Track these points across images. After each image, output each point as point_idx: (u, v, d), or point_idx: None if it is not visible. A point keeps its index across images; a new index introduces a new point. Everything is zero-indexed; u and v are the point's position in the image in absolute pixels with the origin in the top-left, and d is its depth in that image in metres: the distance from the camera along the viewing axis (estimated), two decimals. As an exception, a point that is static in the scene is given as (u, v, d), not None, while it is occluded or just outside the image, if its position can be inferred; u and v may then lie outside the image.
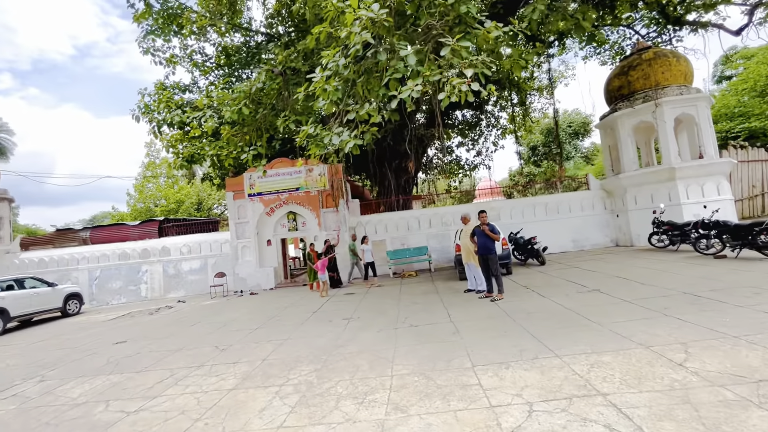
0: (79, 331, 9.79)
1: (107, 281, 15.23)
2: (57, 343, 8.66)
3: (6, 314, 10.82)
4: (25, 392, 5.33)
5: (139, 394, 4.71)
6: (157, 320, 10.15)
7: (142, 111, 14.04)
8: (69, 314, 12.93)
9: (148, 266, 15.21)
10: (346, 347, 5.66)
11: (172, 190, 38.61)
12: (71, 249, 15.72)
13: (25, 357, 7.59)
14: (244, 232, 14.63)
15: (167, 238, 15.69)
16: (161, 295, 15.13)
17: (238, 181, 14.72)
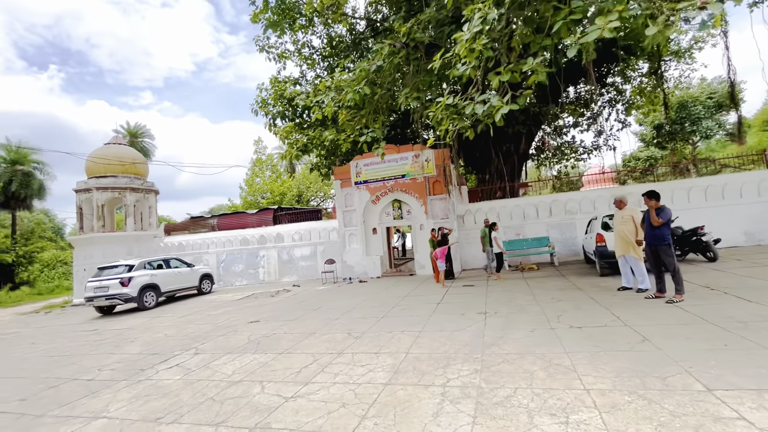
0: (215, 309, 10.65)
1: (231, 264, 16.74)
2: (200, 318, 9.45)
3: (158, 290, 12.34)
4: (186, 363, 5.63)
5: (290, 378, 4.53)
6: (279, 302, 10.57)
7: (259, 105, 14.92)
8: (203, 292, 14.41)
9: (265, 251, 16.31)
10: (500, 346, 4.88)
11: (276, 184, 41.68)
12: (203, 234, 17.64)
13: (178, 329, 8.33)
14: (351, 220, 14.73)
15: (281, 226, 16.64)
16: (276, 278, 16.11)
17: (345, 169, 14.84)
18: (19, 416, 4.31)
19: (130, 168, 17.79)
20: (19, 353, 7.74)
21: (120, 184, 17.15)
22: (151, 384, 4.89)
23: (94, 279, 11.68)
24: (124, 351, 6.82)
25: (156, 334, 7.98)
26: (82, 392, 4.87)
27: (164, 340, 7.30)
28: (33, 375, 5.94)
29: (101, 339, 8.20)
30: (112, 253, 16.51)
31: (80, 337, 8.82)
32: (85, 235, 16.52)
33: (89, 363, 6.26)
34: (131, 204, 17.49)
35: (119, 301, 11.40)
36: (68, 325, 10.83)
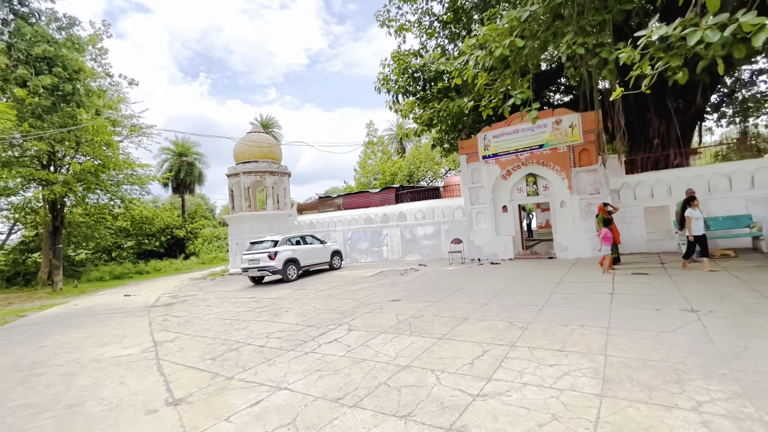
0: (351, 284, 10.93)
1: (356, 242, 17.36)
2: (340, 293, 9.74)
3: (298, 264, 13.33)
4: (344, 339, 5.57)
5: (465, 371, 3.98)
6: (412, 282, 10.31)
7: (381, 82, 14.69)
8: (334, 268, 15.19)
9: (388, 230, 16.44)
10: (751, 360, 3.53)
11: (387, 164, 42.32)
12: (330, 213, 18.67)
13: (323, 303, 8.65)
14: (478, 197, 13.70)
15: (403, 205, 16.53)
16: (399, 257, 16.14)
17: (472, 143, 13.76)
18: (214, 375, 4.67)
19: (268, 153, 19.68)
20: (200, 314, 8.96)
21: (260, 168, 19.12)
22: (318, 358, 4.88)
23: (248, 252, 13.14)
24: (282, 320, 7.25)
25: (305, 306, 8.39)
26: (259, 359, 5.12)
27: (315, 313, 7.57)
28: (215, 336, 6.64)
29: (260, 307, 9.00)
30: (258, 230, 18.61)
31: (243, 303, 9.88)
32: (236, 214, 18.97)
33: (257, 329, 6.77)
34: (270, 186, 19.40)
35: (268, 273, 12.61)
36: (230, 292, 12.42)
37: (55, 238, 19.03)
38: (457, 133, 15.60)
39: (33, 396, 4.40)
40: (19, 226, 25.29)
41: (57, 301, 14.57)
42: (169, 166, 34.40)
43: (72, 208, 21.69)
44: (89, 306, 12.04)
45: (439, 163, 44.82)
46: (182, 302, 11.26)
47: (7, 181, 17.03)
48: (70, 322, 9.24)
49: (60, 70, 9.62)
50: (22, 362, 5.83)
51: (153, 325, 8.25)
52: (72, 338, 7.37)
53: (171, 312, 9.68)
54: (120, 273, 24.92)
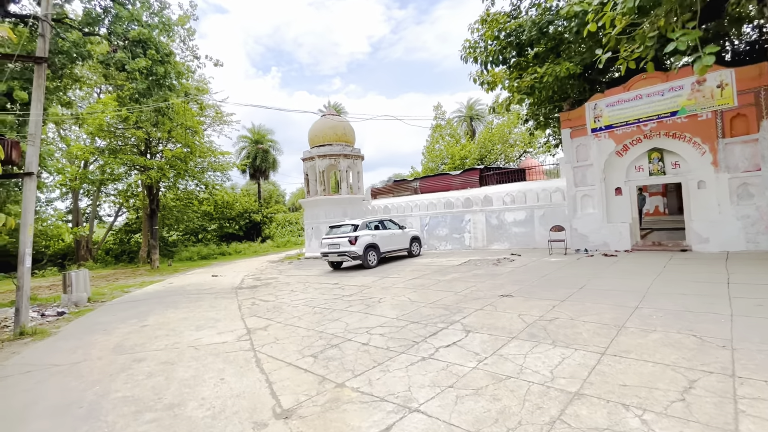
0: (441, 274, 9.91)
1: (435, 228, 16.26)
2: (431, 283, 8.77)
3: (378, 250, 12.62)
4: (465, 344, 4.55)
5: (678, 412, 2.72)
6: (513, 273, 8.99)
7: (468, 50, 13.19)
8: (413, 255, 14.28)
9: (471, 215, 15.09)
10: None
11: (456, 148, 40.29)
12: (406, 197, 17.76)
13: (418, 294, 7.73)
14: (584, 177, 11.77)
15: (488, 188, 15.02)
16: (484, 245, 14.76)
17: (578, 114, 11.79)
18: (321, 380, 3.94)
19: (342, 136, 19.21)
20: (287, 300, 8.56)
21: (335, 151, 18.73)
22: (442, 368, 3.92)
23: (328, 236, 12.72)
24: (378, 313, 6.45)
25: (398, 298, 7.54)
26: (367, 361, 4.31)
27: (413, 307, 6.67)
28: (308, 327, 6.04)
29: (347, 295, 8.35)
30: (332, 214, 18.34)
31: (327, 290, 9.36)
32: (311, 198, 18.89)
33: (352, 322, 6.03)
34: (344, 169, 18.98)
35: (348, 258, 12.07)
36: (311, 276, 12.10)
37: (152, 220, 20.60)
38: (553, 105, 13.60)
39: (135, 388, 4.02)
40: (124, 210, 28.13)
41: (155, 278, 15.58)
42: (246, 153, 36.03)
43: (166, 193, 23.38)
44: (182, 285, 12.50)
45: (513, 146, 41.84)
46: (266, 285, 11.13)
47: (113, 168, 18.64)
48: (167, 300, 9.43)
49: (153, 52, 9.66)
50: (125, 343, 5.70)
51: (242, 308, 7.99)
52: (169, 319, 7.31)
53: (257, 295, 9.48)
54: (206, 254, 26.63)
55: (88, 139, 19.65)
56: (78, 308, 9.30)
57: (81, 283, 9.78)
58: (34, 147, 6.56)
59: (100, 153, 18.95)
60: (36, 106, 6.57)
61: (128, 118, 15.27)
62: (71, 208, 26.33)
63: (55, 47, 9.30)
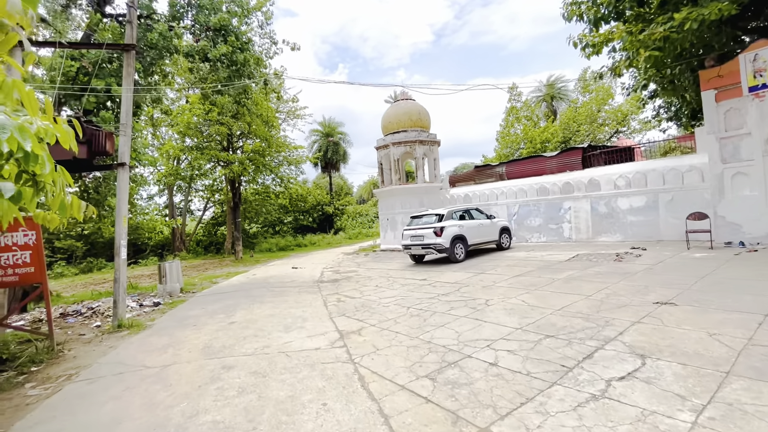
0: (547, 271, 8.37)
1: (525, 217, 14.46)
2: (543, 282, 7.31)
3: (465, 242, 11.34)
4: (656, 381, 3.19)
5: None
6: (650, 272, 7.16)
7: (570, 7, 11.18)
8: (502, 248, 12.74)
9: (571, 202, 13.05)
10: None
11: (536, 131, 36.91)
12: (490, 184, 16.13)
13: (533, 296, 6.37)
14: (737, 150, 9.25)
15: (595, 169, 12.82)
16: (588, 237, 12.67)
17: (727, 69, 9.26)
18: (454, 419, 2.89)
19: (417, 121, 18.07)
20: (374, 297, 7.73)
21: (410, 138, 17.67)
22: (636, 418, 2.64)
23: (410, 228, 11.74)
24: (493, 320, 5.26)
25: (509, 300, 6.26)
26: (508, 393, 3.17)
27: (535, 313, 5.36)
28: (409, 333, 5.06)
29: (442, 293, 7.27)
30: (408, 205, 17.38)
31: (416, 286, 8.37)
32: (385, 188, 18.11)
33: (464, 331, 4.92)
34: (420, 156, 17.86)
35: (433, 251, 10.98)
36: (393, 270, 11.24)
37: (234, 213, 21.49)
38: (681, 64, 11.00)
39: (225, 408, 3.35)
40: (210, 204, 30.18)
41: (239, 269, 16.01)
42: (318, 146, 36.62)
43: (246, 186, 24.38)
44: (265, 277, 12.45)
45: (602, 125, 37.34)
46: (347, 279, 10.51)
47: (200, 163, 19.66)
48: (252, 294, 9.19)
49: (233, 39, 9.37)
50: (214, 344, 5.23)
51: (328, 305, 7.33)
52: (256, 315, 6.86)
53: (341, 290, 8.82)
54: (284, 245, 27.47)
55: (179, 139, 21.03)
56: (171, 299, 9.46)
57: (174, 274, 9.99)
58: (125, 137, 6.47)
59: (189, 150, 20.13)
60: (126, 96, 6.47)
61: (211, 112, 15.72)
62: (167, 203, 28.90)
63: (145, 43, 9.46)
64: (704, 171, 10.16)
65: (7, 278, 4.97)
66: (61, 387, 4.10)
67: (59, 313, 8.02)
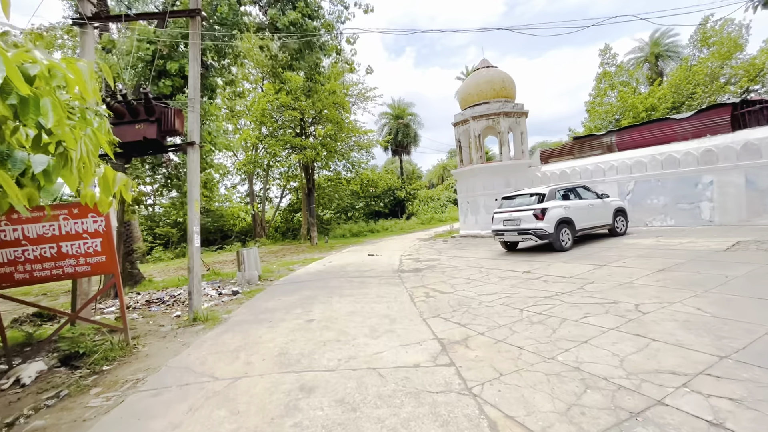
0: (707, 264, 6.26)
1: (644, 196, 11.83)
2: (715, 284, 5.35)
3: (573, 226, 9.41)
4: None
5: None
6: None
7: None
8: (617, 233, 10.49)
9: (714, 176, 10.22)
10: None
11: (639, 97, 31.69)
12: (593, 158, 13.61)
13: (711, 303, 4.55)
14: None
15: (753, 130, 9.81)
16: (741, 219, 9.83)
17: None
18: None
19: (501, 91, 15.96)
20: (469, 293, 6.41)
21: (493, 110, 15.67)
22: None
23: (502, 210, 10.10)
24: (668, 338, 3.64)
25: (674, 305, 4.51)
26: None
27: (735, 330, 3.62)
28: (538, 350, 3.69)
29: (562, 292, 5.69)
30: (492, 185, 15.55)
31: (521, 280, 6.86)
32: (466, 168, 16.42)
33: (625, 352, 3.42)
34: (504, 131, 15.80)
35: (533, 237, 9.26)
36: (483, 260, 9.76)
37: (309, 199, 21.48)
38: None
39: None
40: (287, 192, 31.04)
41: (315, 255, 15.73)
42: (388, 129, 35.67)
43: (319, 172, 24.34)
44: (341, 265, 11.79)
45: (726, 85, 31.07)
46: (431, 269, 9.31)
47: (275, 150, 19.77)
48: (330, 285, 8.44)
49: (302, 5, 8.46)
50: (291, 350, 4.39)
51: (416, 301, 6.20)
52: (336, 312, 5.99)
53: (427, 282, 7.65)
54: (357, 231, 27.19)
55: (255, 128, 21.44)
56: (250, 287, 9.14)
57: (252, 262, 9.68)
58: (194, 113, 5.92)
59: (265, 138, 20.40)
60: (193, 67, 5.90)
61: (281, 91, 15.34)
62: (248, 192, 30.31)
63: (214, 21, 9.01)
64: None
65: (79, 268, 4.61)
66: (123, 398, 3.52)
67: (145, 300, 8.05)
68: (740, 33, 29.40)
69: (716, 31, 30.33)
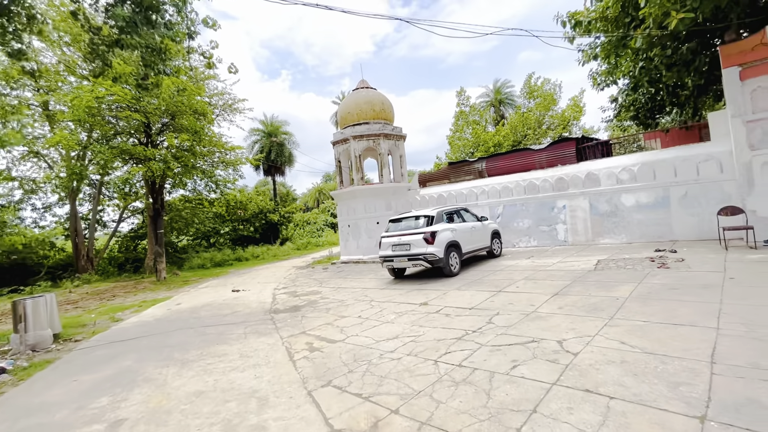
0: (592, 285, 6.35)
1: (512, 219, 12.67)
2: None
3: (460, 249, 9.10)
4: None
5: None
6: (738, 285, 5.40)
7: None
8: (494, 255, 10.76)
9: (566, 201, 11.46)
10: None
11: (488, 134, 36.64)
12: (467, 183, 14.21)
13: (632, 335, 4.21)
14: (767, 135, 8.09)
15: (593, 162, 11.35)
16: (588, 239, 11.12)
17: (751, 44, 8.10)
18: None
19: (381, 112, 15.73)
20: (366, 338, 5.09)
21: (373, 131, 15.25)
22: None
23: (391, 234, 9.24)
24: (631, 394, 2.94)
25: (597, 341, 4.01)
26: None
27: (682, 371, 3.14)
28: (489, 439, 2.55)
29: (471, 329, 4.86)
30: (373, 208, 14.91)
31: (420, 315, 5.88)
32: (347, 189, 15.44)
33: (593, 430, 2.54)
34: (385, 153, 15.50)
35: (424, 263, 8.57)
36: (372, 290, 8.63)
37: (156, 223, 17.36)
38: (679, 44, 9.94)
39: None
40: (128, 214, 25.03)
41: (159, 295, 12.29)
42: (260, 147, 32.78)
43: (171, 190, 20.22)
44: (194, 307, 9.14)
45: (548, 132, 38.02)
46: (312, 306, 7.71)
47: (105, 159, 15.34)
48: (171, 342, 6.03)
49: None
50: None
51: (297, 360, 4.57)
52: (170, 397, 3.89)
53: (309, 327, 6.05)
54: (220, 260, 23.38)
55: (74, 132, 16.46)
56: (34, 355, 5.97)
57: (42, 316, 6.45)
58: None
59: (92, 144, 15.78)
60: None
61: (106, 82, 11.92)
62: (69, 214, 23.31)
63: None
64: (722, 160, 9.02)
65: None
66: None
67: None
68: (555, 90, 36.88)
69: (539, 87, 37.37)
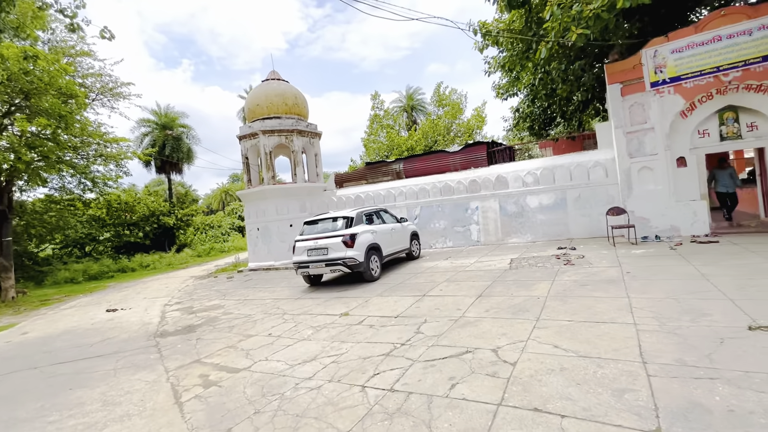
0: (512, 285, 6.39)
1: (429, 221, 12.73)
2: (562, 306, 5.20)
3: (380, 253, 8.67)
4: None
5: None
6: (636, 280, 5.86)
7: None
8: (413, 257, 10.61)
9: (479, 202, 11.85)
10: None
11: (401, 138, 37.67)
12: (385, 184, 13.94)
13: (566, 339, 4.10)
14: (641, 145, 9.26)
15: (501, 166, 11.90)
16: (498, 239, 11.63)
17: (630, 64, 9.22)
18: None
19: (294, 107, 14.64)
20: (279, 362, 4.27)
21: (286, 126, 14.10)
22: None
23: (306, 238, 8.38)
24: (559, 393, 2.68)
25: (531, 346, 3.82)
26: None
27: (620, 376, 3.03)
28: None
29: (398, 342, 4.37)
30: (286, 209, 13.77)
31: (343, 329, 5.22)
32: (256, 189, 13.98)
33: None
34: (299, 150, 14.44)
35: (343, 269, 7.92)
36: (284, 301, 7.69)
37: (0, 229, 13.68)
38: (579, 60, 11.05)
39: None
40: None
41: (2, 321, 9.52)
42: (151, 140, 28.60)
43: (26, 187, 16.25)
44: (47, 336, 7.11)
45: (456, 139, 40.52)
46: (211, 324, 6.52)
47: None
48: (2, 391, 4.40)
49: None
50: None
51: (184, 402, 3.57)
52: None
53: (205, 353, 4.96)
54: (97, 272, 19.57)
55: None
56: None
57: None
58: None
59: None
60: None
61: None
62: None
63: None
64: (607, 166, 10.14)
65: None
66: None
67: None
68: (461, 100, 39.45)
69: (447, 96, 39.59)
